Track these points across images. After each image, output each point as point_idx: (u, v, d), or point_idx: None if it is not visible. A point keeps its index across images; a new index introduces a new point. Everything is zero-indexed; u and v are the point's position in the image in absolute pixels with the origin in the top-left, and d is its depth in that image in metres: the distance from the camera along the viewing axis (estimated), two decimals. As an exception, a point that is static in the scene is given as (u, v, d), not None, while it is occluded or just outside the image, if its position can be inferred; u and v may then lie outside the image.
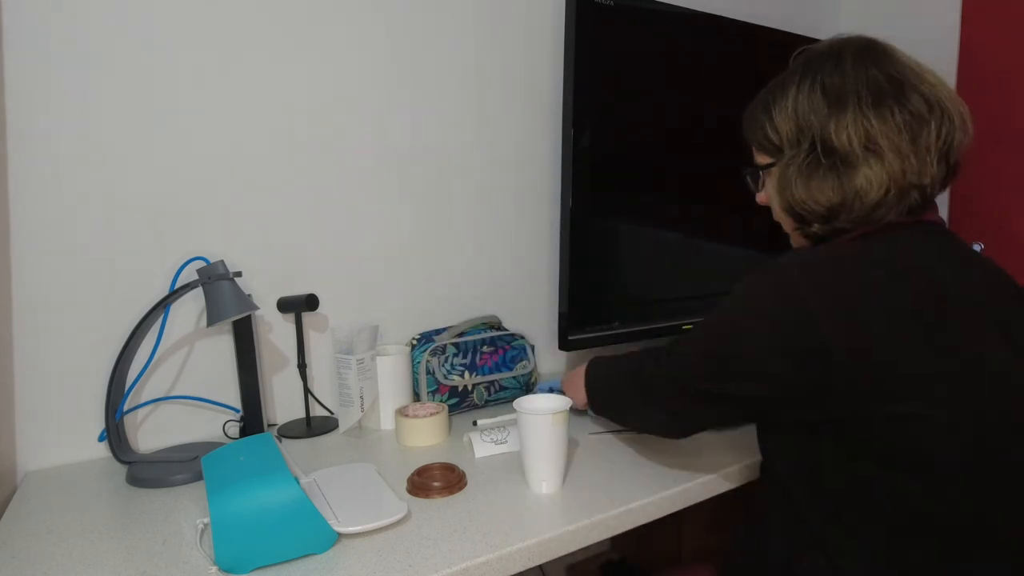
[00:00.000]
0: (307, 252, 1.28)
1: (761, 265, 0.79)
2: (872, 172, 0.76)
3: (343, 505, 0.87)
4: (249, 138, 1.20)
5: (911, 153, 0.76)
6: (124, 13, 1.08)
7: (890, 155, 0.76)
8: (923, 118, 0.76)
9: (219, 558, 0.76)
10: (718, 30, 1.46)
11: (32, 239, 1.06)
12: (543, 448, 0.93)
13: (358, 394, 1.19)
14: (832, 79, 0.79)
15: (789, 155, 0.83)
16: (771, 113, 0.84)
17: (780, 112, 0.83)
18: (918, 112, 0.76)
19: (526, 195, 1.52)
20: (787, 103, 0.82)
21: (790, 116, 0.82)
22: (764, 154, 0.88)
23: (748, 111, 0.90)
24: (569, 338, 1.33)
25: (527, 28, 1.46)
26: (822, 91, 0.79)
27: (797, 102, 0.81)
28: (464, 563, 0.78)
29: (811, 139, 0.80)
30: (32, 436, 1.08)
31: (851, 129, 0.76)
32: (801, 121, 0.80)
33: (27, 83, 1.03)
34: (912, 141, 0.76)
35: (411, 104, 1.35)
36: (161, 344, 1.15)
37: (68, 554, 0.81)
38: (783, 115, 0.82)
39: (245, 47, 1.18)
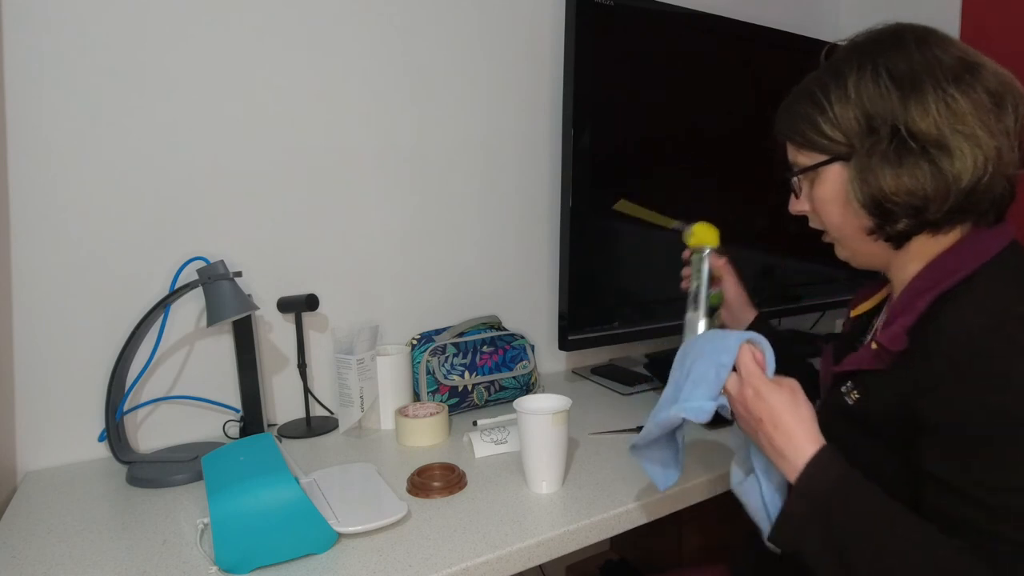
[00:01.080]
0: (307, 252, 1.28)
1: (974, 337, 0.65)
2: (966, 154, 0.69)
3: (343, 505, 0.87)
4: (250, 139, 1.20)
5: (1000, 133, 0.70)
6: (124, 13, 1.08)
7: (981, 134, 0.69)
8: (1001, 97, 0.71)
9: (219, 558, 0.76)
10: (718, 30, 1.46)
11: (32, 239, 1.06)
12: (543, 448, 0.93)
13: (358, 394, 1.19)
14: (898, 64, 0.72)
15: (865, 146, 0.73)
16: (825, 106, 0.75)
17: (840, 104, 0.74)
18: (995, 91, 0.71)
19: (526, 195, 1.51)
20: (848, 93, 0.74)
21: (855, 106, 0.73)
22: (814, 152, 0.78)
23: (790, 108, 0.80)
24: (569, 338, 1.33)
25: (527, 28, 1.46)
26: (889, 77, 0.72)
27: (861, 90, 0.73)
28: (464, 563, 0.78)
29: (891, 126, 0.71)
30: (32, 436, 1.08)
31: (935, 110, 0.70)
32: (871, 109, 0.72)
33: (27, 84, 1.03)
34: (998, 120, 0.70)
35: (411, 104, 1.35)
36: (161, 344, 1.15)
37: (68, 554, 0.81)
38: (845, 106, 0.74)
39: (246, 47, 1.18)
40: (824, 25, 1.97)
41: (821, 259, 1.69)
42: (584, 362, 1.62)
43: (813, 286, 1.70)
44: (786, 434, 0.71)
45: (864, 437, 0.74)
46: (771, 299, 1.63)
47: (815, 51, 0.86)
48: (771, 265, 1.63)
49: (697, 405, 0.75)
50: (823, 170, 0.78)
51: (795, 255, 1.65)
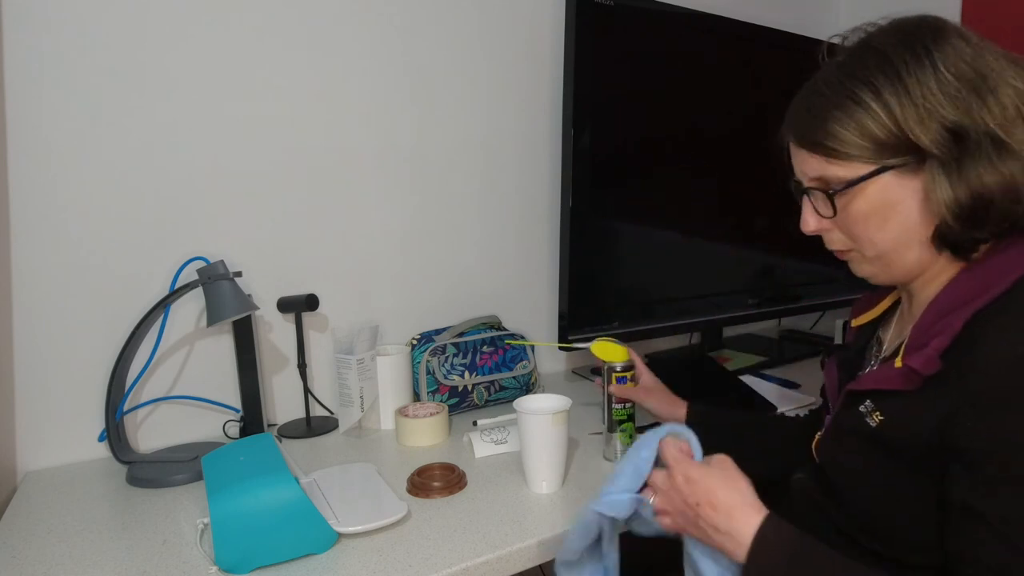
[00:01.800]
0: (307, 252, 1.28)
1: None
2: None
3: (343, 505, 0.87)
4: (250, 139, 1.20)
5: None
6: (124, 14, 1.08)
7: None
8: None
9: (219, 558, 0.76)
10: (718, 30, 1.46)
11: (32, 239, 1.06)
12: (543, 448, 0.93)
13: (358, 394, 1.19)
14: (956, 61, 0.67)
15: (949, 152, 0.67)
16: (877, 112, 0.68)
17: (903, 108, 0.67)
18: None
19: (526, 195, 1.51)
20: (910, 96, 0.67)
21: (922, 110, 0.66)
22: (858, 163, 0.70)
23: (818, 114, 0.71)
24: (569, 338, 1.33)
25: (527, 28, 1.46)
26: (954, 76, 0.66)
27: (927, 93, 0.66)
28: (464, 563, 0.78)
29: (975, 127, 0.66)
30: (32, 436, 1.08)
31: (1012, 105, 0.66)
32: (947, 113, 0.66)
33: (27, 84, 1.03)
34: None
35: (411, 104, 1.35)
36: (161, 344, 1.15)
37: (68, 554, 0.81)
38: (908, 109, 0.66)
39: (246, 48, 1.18)
40: (824, 25, 1.97)
41: (821, 259, 1.69)
42: (584, 362, 1.62)
43: (813, 286, 1.70)
44: (726, 511, 0.69)
45: (886, 459, 0.70)
46: (771, 299, 1.63)
47: (815, 51, 0.84)
48: (771, 265, 1.63)
49: (613, 498, 0.73)
50: (868, 182, 0.70)
51: (795, 255, 1.65)
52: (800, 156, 0.75)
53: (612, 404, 1.04)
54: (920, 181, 0.69)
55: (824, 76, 0.74)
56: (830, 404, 0.85)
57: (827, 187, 0.72)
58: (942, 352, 0.66)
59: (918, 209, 0.70)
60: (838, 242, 0.77)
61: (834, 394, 0.85)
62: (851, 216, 0.72)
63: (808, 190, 0.75)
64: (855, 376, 0.84)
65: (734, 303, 1.57)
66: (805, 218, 0.77)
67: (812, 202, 0.75)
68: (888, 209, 0.71)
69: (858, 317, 0.90)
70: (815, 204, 0.75)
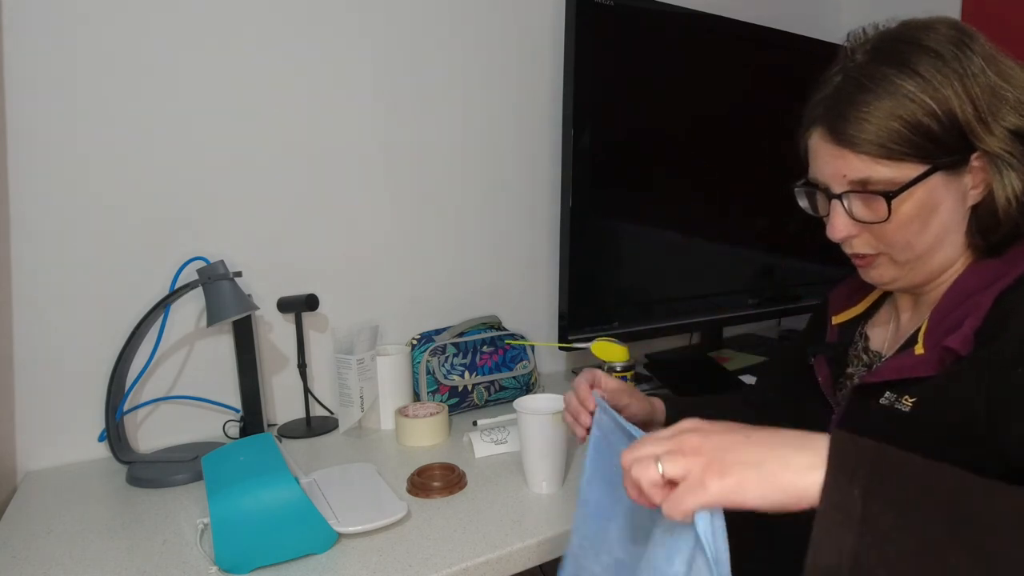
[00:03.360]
0: (307, 252, 1.28)
1: None
2: None
3: (343, 505, 0.87)
4: (250, 138, 1.20)
5: None
6: (124, 14, 1.08)
7: None
8: None
9: (219, 558, 0.76)
10: (718, 30, 1.46)
11: (32, 239, 1.06)
12: (543, 448, 0.93)
13: (358, 394, 1.19)
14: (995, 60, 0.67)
15: (1012, 146, 0.66)
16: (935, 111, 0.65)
17: (962, 104, 0.65)
18: None
19: (526, 195, 1.51)
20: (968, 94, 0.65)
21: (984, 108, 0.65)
22: (912, 162, 0.67)
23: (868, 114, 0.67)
24: (569, 338, 1.33)
25: (527, 28, 1.46)
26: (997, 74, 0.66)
27: (983, 90, 0.65)
28: (464, 563, 0.78)
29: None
30: (32, 436, 1.08)
31: None
32: (1004, 110, 0.66)
33: (27, 84, 1.03)
34: None
35: (411, 104, 1.35)
36: (161, 344, 1.15)
37: (68, 554, 0.81)
38: (967, 107, 0.65)
39: (245, 48, 1.18)
40: (824, 25, 1.97)
41: (821, 259, 1.69)
42: (584, 362, 1.62)
43: (813, 286, 1.70)
44: (782, 435, 0.52)
45: (934, 443, 0.65)
46: (771, 299, 1.63)
47: (815, 51, 0.84)
48: (771, 265, 1.63)
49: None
50: (920, 183, 0.67)
51: (795, 255, 1.65)
52: (840, 156, 0.69)
53: None
54: (963, 179, 0.68)
55: (860, 69, 0.69)
56: (831, 401, 0.82)
57: (865, 189, 0.68)
58: (976, 331, 0.65)
59: (956, 209, 0.69)
60: (865, 247, 0.73)
61: (830, 392, 0.83)
62: (897, 220, 0.68)
63: (843, 193, 0.70)
64: (844, 373, 0.83)
65: (734, 303, 1.57)
66: (836, 224, 0.72)
67: (845, 206, 0.71)
68: (930, 212, 0.68)
69: (840, 313, 0.88)
70: (849, 208, 0.70)
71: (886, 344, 0.82)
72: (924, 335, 0.71)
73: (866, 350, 0.83)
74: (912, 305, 0.80)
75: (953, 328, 0.67)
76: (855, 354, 0.84)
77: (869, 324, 0.85)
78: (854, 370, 0.83)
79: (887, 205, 0.67)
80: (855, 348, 0.84)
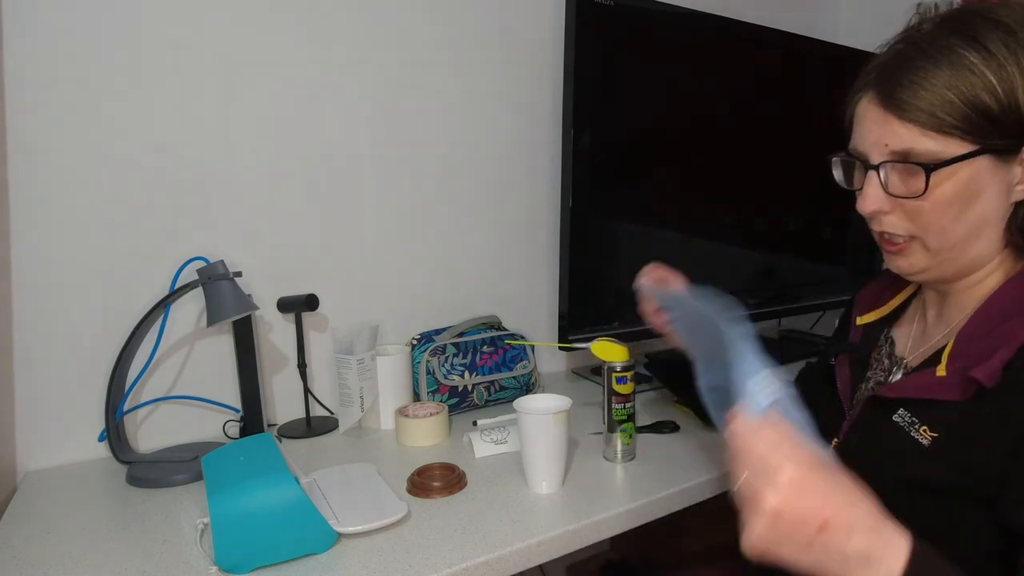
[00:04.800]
0: (307, 252, 1.28)
1: None
2: None
3: (343, 505, 0.87)
4: (249, 138, 1.20)
5: None
6: (123, 15, 1.08)
7: None
8: None
9: (219, 558, 0.76)
10: (718, 30, 1.46)
11: (32, 239, 1.06)
12: (543, 448, 0.93)
13: (358, 394, 1.19)
14: None
15: None
16: (997, 91, 0.61)
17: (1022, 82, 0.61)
18: None
19: (526, 195, 1.51)
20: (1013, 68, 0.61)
21: None
22: (963, 140, 0.63)
23: (923, 81, 0.63)
24: (569, 338, 1.33)
25: (527, 28, 1.46)
26: None
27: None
28: (464, 563, 0.78)
29: None
30: (32, 436, 1.08)
31: None
32: None
33: (27, 84, 1.03)
34: None
35: (411, 104, 1.35)
36: (161, 344, 1.15)
37: (68, 554, 0.81)
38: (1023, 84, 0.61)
39: (245, 48, 1.18)
40: (824, 25, 1.97)
41: (821, 259, 1.69)
42: (584, 362, 1.62)
43: (813, 286, 1.70)
44: (865, 530, 0.51)
45: (946, 482, 0.63)
46: (771, 299, 1.63)
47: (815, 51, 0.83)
48: (771, 265, 1.63)
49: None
50: (966, 163, 0.63)
51: (795, 255, 1.65)
52: (886, 123, 0.65)
53: (612, 404, 1.04)
54: (1013, 169, 0.65)
55: (925, 37, 0.65)
56: (844, 408, 0.80)
57: (908, 160, 0.64)
58: (1006, 364, 0.61)
59: (999, 200, 0.65)
60: (898, 227, 0.69)
61: (847, 397, 0.80)
62: (934, 199, 0.64)
63: (881, 164, 0.66)
64: (864, 376, 0.80)
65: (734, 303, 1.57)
66: (868, 195, 0.68)
67: (881, 178, 0.67)
68: (972, 196, 0.64)
69: (865, 314, 0.85)
70: (886, 180, 0.67)
71: (909, 346, 0.78)
72: (948, 356, 0.67)
73: (890, 355, 0.80)
74: (939, 303, 0.76)
75: (982, 357, 0.63)
76: (878, 358, 0.81)
77: (895, 326, 0.82)
78: (873, 374, 0.80)
79: (926, 178, 0.64)
80: (879, 352, 0.81)
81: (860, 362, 0.82)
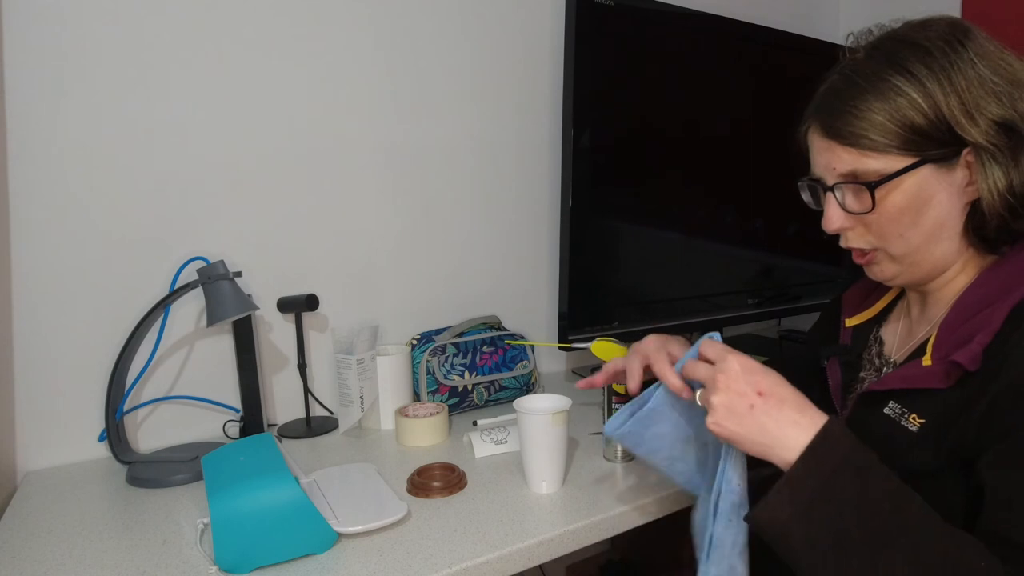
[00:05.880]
0: (307, 252, 1.28)
1: None
2: None
3: (343, 505, 0.87)
4: (249, 138, 1.20)
5: None
6: (123, 15, 1.08)
7: None
8: None
9: (219, 558, 0.76)
10: (718, 30, 1.46)
11: (32, 239, 1.06)
12: (543, 448, 0.93)
13: (358, 394, 1.19)
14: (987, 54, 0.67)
15: (997, 142, 0.66)
16: (919, 103, 0.66)
17: (947, 96, 0.66)
18: None
19: (526, 195, 1.51)
20: (952, 86, 0.66)
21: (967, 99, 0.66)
22: (899, 155, 0.68)
23: (850, 106, 0.69)
24: (569, 338, 1.33)
25: (527, 28, 1.46)
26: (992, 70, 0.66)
27: (971, 85, 0.66)
28: (464, 563, 0.78)
29: (1019, 114, 0.66)
30: (32, 436, 1.08)
31: None
32: (989, 103, 0.66)
33: (27, 84, 1.03)
34: None
35: (411, 104, 1.35)
36: (161, 344, 1.15)
37: (68, 554, 0.81)
38: (952, 100, 0.65)
39: (244, 48, 1.18)
40: (824, 25, 1.97)
41: (821, 259, 1.69)
42: (584, 362, 1.62)
43: (813, 286, 1.70)
44: (796, 405, 0.66)
45: (935, 466, 0.67)
46: (771, 299, 1.63)
47: (815, 51, 0.84)
48: (771, 265, 1.63)
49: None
50: (906, 175, 0.68)
51: (795, 255, 1.65)
52: (829, 150, 0.72)
53: (612, 404, 1.04)
54: (956, 174, 0.68)
55: (855, 67, 0.71)
56: (836, 406, 0.82)
57: (857, 180, 0.70)
58: (986, 347, 0.65)
59: (951, 203, 0.69)
60: (861, 241, 0.74)
61: (838, 397, 0.82)
62: (885, 211, 0.70)
63: (835, 185, 0.72)
64: (857, 378, 0.82)
65: (734, 303, 1.57)
66: (830, 215, 0.73)
67: (838, 198, 0.72)
68: (923, 204, 0.69)
69: (853, 316, 0.87)
70: (842, 200, 0.72)
71: (896, 344, 0.81)
72: (932, 346, 0.70)
73: (879, 354, 0.82)
74: (920, 302, 0.79)
75: (962, 342, 0.67)
76: (868, 358, 0.83)
77: (883, 326, 0.84)
78: (866, 374, 0.82)
79: (871, 195, 0.69)
80: (869, 352, 0.83)
81: (851, 364, 0.84)
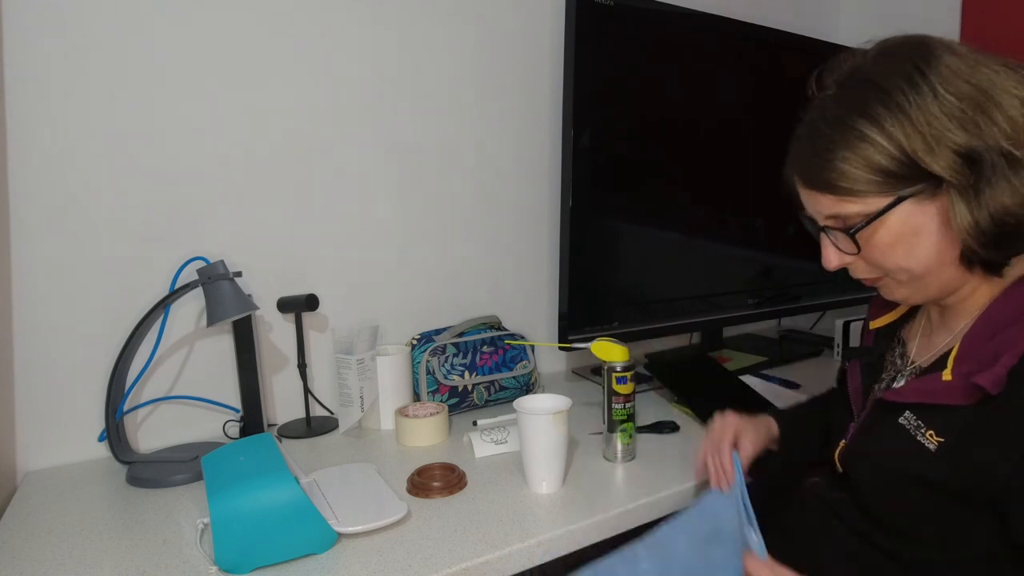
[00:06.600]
0: (307, 252, 1.28)
1: None
2: None
3: (343, 505, 0.87)
4: (249, 138, 1.20)
5: None
6: (124, 16, 1.08)
7: None
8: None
9: (219, 558, 0.76)
10: (718, 30, 1.46)
11: (32, 239, 1.06)
12: (543, 448, 0.93)
13: (358, 394, 1.19)
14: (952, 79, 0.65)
15: (966, 174, 0.64)
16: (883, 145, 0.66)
17: (909, 138, 0.65)
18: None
19: (526, 195, 1.51)
20: (914, 124, 0.65)
21: (931, 137, 0.64)
22: (873, 197, 0.68)
23: (821, 155, 0.69)
24: (569, 338, 1.33)
25: (527, 28, 1.46)
26: (954, 96, 0.64)
27: (932, 119, 0.64)
28: (464, 563, 0.78)
29: (989, 145, 0.64)
30: (32, 436, 1.08)
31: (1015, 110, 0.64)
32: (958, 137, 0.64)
33: (27, 84, 1.03)
34: None
35: (411, 104, 1.35)
36: (161, 344, 1.15)
37: (68, 554, 0.81)
38: (914, 137, 0.65)
39: (244, 48, 1.18)
40: (824, 25, 1.97)
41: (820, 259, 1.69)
42: (584, 362, 1.62)
43: (813, 286, 1.70)
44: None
45: (954, 485, 0.66)
46: (771, 299, 1.63)
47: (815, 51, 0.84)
48: (771, 265, 1.63)
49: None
50: (887, 214, 0.68)
51: (795, 255, 1.65)
52: (812, 197, 0.73)
53: (612, 404, 1.04)
54: (939, 204, 0.67)
55: (821, 114, 0.72)
56: (854, 411, 0.82)
57: (844, 224, 0.70)
58: (1011, 370, 0.64)
59: (941, 233, 0.68)
60: (865, 272, 0.75)
61: (858, 400, 0.82)
62: (877, 248, 0.70)
63: (825, 228, 0.73)
64: (879, 380, 0.82)
65: (734, 303, 1.57)
66: (827, 256, 0.74)
67: (831, 239, 0.73)
68: (913, 236, 0.69)
69: (878, 319, 0.87)
70: (835, 241, 0.73)
71: (918, 348, 0.80)
72: (954, 360, 0.69)
73: (902, 355, 0.82)
74: (940, 310, 0.78)
75: (986, 362, 0.65)
76: (891, 359, 0.83)
77: (906, 329, 0.84)
78: (887, 376, 0.82)
79: (853, 241, 0.70)
80: (892, 354, 0.83)
81: (874, 365, 0.84)
